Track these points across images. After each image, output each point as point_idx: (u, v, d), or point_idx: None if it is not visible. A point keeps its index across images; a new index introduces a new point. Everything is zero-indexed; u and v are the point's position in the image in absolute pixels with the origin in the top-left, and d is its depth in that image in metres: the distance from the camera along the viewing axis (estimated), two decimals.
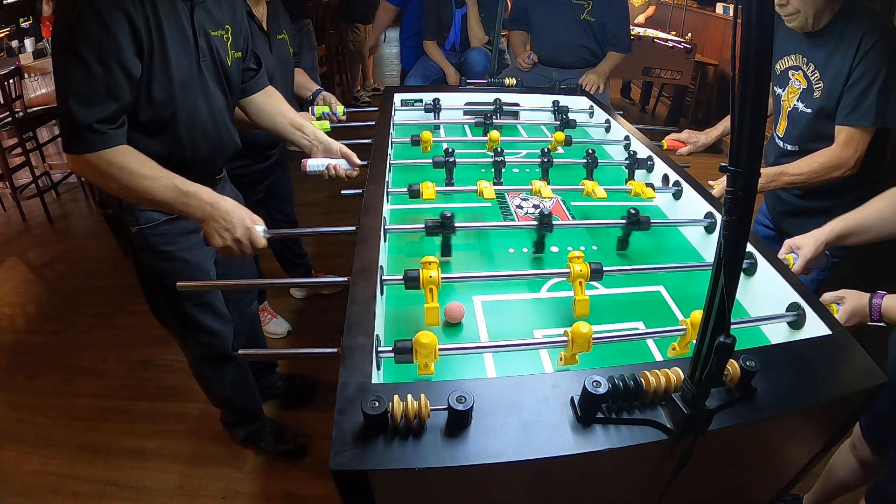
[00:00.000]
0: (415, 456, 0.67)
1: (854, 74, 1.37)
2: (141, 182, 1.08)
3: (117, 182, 1.08)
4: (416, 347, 0.82)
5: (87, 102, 1.01)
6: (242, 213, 1.18)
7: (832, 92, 1.42)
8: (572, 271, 1.03)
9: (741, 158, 0.56)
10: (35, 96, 3.81)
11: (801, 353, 0.87)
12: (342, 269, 1.01)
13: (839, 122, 1.42)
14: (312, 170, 1.49)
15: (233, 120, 1.36)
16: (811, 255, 1.20)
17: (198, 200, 1.13)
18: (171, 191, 1.11)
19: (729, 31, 1.84)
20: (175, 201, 1.12)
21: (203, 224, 1.16)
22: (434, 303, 1.00)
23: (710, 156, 2.05)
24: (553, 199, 1.55)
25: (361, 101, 5.62)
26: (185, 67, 1.15)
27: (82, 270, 3.00)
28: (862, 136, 1.40)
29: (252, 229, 1.17)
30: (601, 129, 2.05)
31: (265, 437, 1.83)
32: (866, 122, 1.37)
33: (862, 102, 1.37)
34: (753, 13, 0.51)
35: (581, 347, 0.86)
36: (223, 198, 1.17)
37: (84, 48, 0.98)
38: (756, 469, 0.96)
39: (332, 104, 2.01)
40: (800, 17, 1.40)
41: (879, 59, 1.33)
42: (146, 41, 1.05)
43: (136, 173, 1.08)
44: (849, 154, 1.41)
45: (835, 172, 1.43)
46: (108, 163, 1.05)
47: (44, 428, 1.98)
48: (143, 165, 1.09)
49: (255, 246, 1.18)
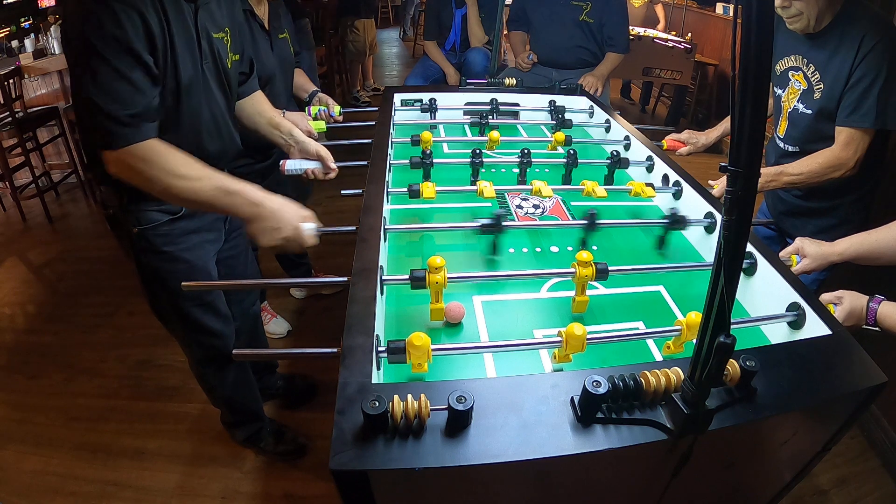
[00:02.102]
0: (415, 456, 0.67)
1: (854, 76, 1.37)
2: (180, 182, 1.06)
3: (160, 183, 1.06)
4: (409, 349, 0.83)
5: (113, 97, 1.00)
6: (291, 211, 1.15)
7: (832, 93, 1.42)
8: (578, 272, 1.03)
9: (741, 158, 0.56)
10: (35, 96, 3.81)
11: (801, 353, 0.87)
12: (342, 269, 1.01)
13: (839, 122, 1.42)
14: (290, 171, 1.50)
15: (234, 122, 1.36)
16: (813, 269, 1.20)
17: (243, 200, 1.11)
18: (214, 191, 1.09)
19: (729, 31, 1.84)
20: (218, 201, 1.10)
21: (248, 224, 1.13)
22: (440, 303, 1.03)
23: (710, 156, 2.05)
24: (553, 199, 1.55)
25: (361, 101, 5.62)
26: (190, 69, 1.15)
27: (82, 270, 2.99)
28: (862, 137, 1.40)
29: (300, 228, 1.14)
30: (601, 129, 2.05)
31: (265, 438, 1.83)
32: (866, 123, 1.37)
33: (862, 104, 1.37)
34: (753, 13, 0.51)
35: (574, 348, 0.87)
36: (269, 196, 1.14)
37: (102, 46, 0.98)
38: (756, 469, 0.96)
39: (328, 104, 2.01)
40: (802, 18, 1.40)
41: (880, 61, 1.33)
42: (159, 41, 1.05)
43: (177, 174, 1.06)
44: (849, 155, 1.41)
45: (835, 173, 1.43)
46: (144, 159, 1.04)
47: (44, 428, 1.98)
48: (185, 165, 1.08)
49: (304, 245, 1.15)
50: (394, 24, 9.59)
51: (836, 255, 1.21)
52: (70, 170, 3.85)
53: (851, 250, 1.20)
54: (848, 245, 1.21)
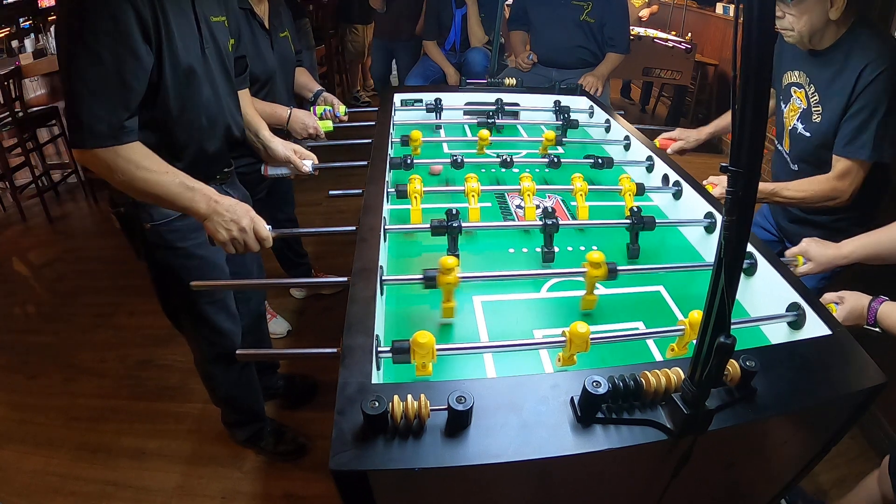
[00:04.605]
0: (414, 456, 0.67)
1: (854, 107, 1.34)
2: (147, 175, 1.08)
3: (123, 174, 1.07)
4: (414, 347, 0.82)
5: (98, 96, 1.00)
6: (245, 206, 1.19)
7: (831, 121, 1.40)
8: (589, 271, 1.04)
9: (742, 159, 0.56)
10: (35, 96, 3.81)
11: (801, 353, 0.87)
12: (342, 269, 1.01)
13: (836, 151, 1.40)
14: (273, 174, 1.57)
15: (237, 106, 1.37)
16: (817, 272, 1.20)
17: (202, 196, 1.14)
18: (177, 186, 1.11)
19: (729, 31, 1.84)
20: (180, 196, 1.12)
21: (206, 221, 1.16)
22: (451, 301, 1.04)
23: (710, 156, 2.06)
24: (553, 199, 1.55)
25: (361, 101, 5.61)
26: (192, 54, 1.15)
27: (82, 270, 2.99)
28: (858, 169, 1.37)
29: (257, 219, 1.18)
30: (601, 129, 2.05)
31: (265, 438, 1.83)
32: (863, 155, 1.35)
33: (860, 135, 1.34)
34: (753, 13, 0.51)
35: (579, 348, 0.86)
36: (223, 196, 1.18)
37: (92, 39, 0.97)
38: (756, 469, 0.96)
39: (333, 104, 2.01)
40: (794, 35, 1.38)
41: (880, 93, 1.30)
42: (153, 28, 1.05)
43: (143, 166, 1.08)
44: (844, 186, 1.39)
45: (828, 202, 1.42)
46: (115, 156, 1.05)
47: (44, 428, 1.98)
48: (149, 160, 1.09)
49: (260, 236, 1.18)
50: None
51: (842, 258, 1.20)
52: (70, 170, 3.85)
53: (858, 252, 1.19)
54: (854, 247, 1.20)
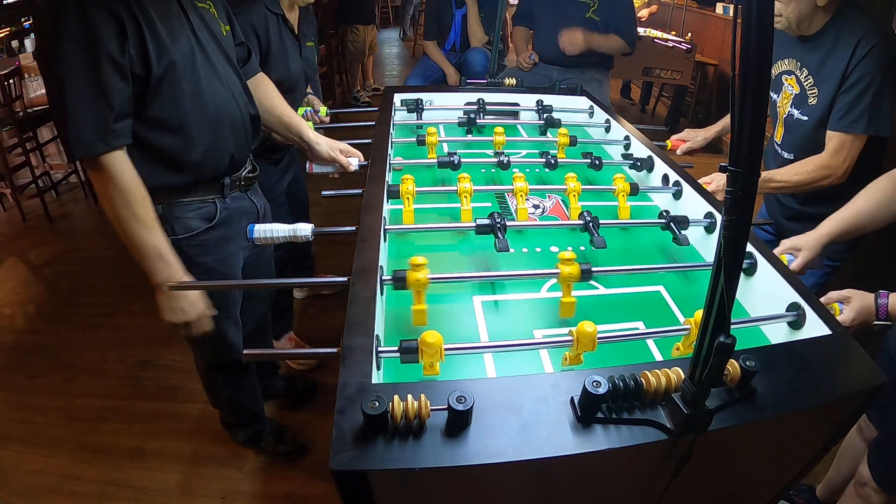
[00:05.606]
0: (415, 456, 0.67)
1: (849, 80, 1.34)
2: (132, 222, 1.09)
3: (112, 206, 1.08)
4: (423, 347, 0.82)
5: (79, 103, 1.00)
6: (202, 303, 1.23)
7: (828, 100, 1.39)
8: (562, 272, 1.02)
9: (741, 158, 0.56)
10: (35, 96, 3.80)
11: (801, 353, 0.87)
12: (342, 269, 1.01)
13: (831, 127, 1.39)
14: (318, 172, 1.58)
15: (247, 92, 1.34)
16: (810, 257, 1.20)
17: (169, 273, 1.14)
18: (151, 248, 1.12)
19: (729, 31, 1.84)
20: (147, 257, 1.13)
21: (159, 293, 1.16)
22: (422, 304, 1.01)
23: (710, 156, 2.05)
24: (553, 199, 1.55)
25: (361, 101, 5.61)
26: (182, 40, 1.13)
27: (82, 270, 2.99)
28: (853, 144, 1.36)
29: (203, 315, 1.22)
30: (601, 129, 2.05)
31: (265, 438, 1.83)
32: (858, 129, 1.34)
33: (854, 108, 1.33)
34: (753, 13, 0.51)
35: (586, 347, 0.86)
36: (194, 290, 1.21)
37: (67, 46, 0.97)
38: (756, 469, 0.96)
39: (314, 105, 2.01)
40: (782, 20, 1.38)
41: (875, 65, 1.30)
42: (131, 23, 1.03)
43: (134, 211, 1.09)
44: (838, 162, 1.37)
45: (823, 181, 1.40)
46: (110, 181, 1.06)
47: (44, 428, 1.98)
48: (144, 208, 1.10)
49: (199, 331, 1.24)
50: (394, 24, 9.59)
51: (825, 235, 1.21)
52: (70, 170, 3.84)
53: (837, 227, 1.21)
54: (831, 225, 1.22)
